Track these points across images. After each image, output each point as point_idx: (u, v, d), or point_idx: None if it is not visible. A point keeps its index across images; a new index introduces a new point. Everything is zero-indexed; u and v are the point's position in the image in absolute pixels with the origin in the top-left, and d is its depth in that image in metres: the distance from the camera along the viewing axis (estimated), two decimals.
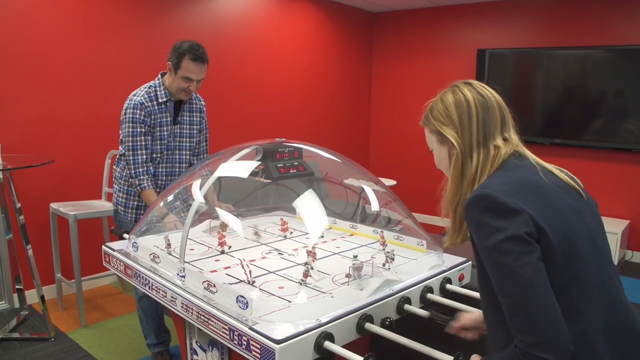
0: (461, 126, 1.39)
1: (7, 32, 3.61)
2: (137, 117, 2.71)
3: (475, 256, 1.32)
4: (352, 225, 2.67)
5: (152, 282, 1.99)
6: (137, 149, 2.73)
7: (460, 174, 1.39)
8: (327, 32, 6.26)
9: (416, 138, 6.77)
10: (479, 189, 1.28)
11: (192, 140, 2.95)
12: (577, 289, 1.21)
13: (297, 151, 2.31)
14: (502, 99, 1.44)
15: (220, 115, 5.03)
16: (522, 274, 1.16)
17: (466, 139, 1.38)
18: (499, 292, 1.22)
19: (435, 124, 1.46)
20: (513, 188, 1.25)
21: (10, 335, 3.33)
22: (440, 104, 1.46)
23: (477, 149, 1.37)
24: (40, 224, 3.90)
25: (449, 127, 1.41)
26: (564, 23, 5.50)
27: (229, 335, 1.58)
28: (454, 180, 1.41)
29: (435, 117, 1.46)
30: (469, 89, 1.42)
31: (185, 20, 4.66)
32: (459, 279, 2.15)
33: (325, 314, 1.61)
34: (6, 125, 3.67)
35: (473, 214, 1.25)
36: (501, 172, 1.33)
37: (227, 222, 2.43)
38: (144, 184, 2.74)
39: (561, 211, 1.26)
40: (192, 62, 2.68)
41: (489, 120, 1.39)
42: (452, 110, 1.42)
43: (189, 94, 2.79)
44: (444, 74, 6.40)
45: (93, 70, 4.09)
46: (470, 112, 1.39)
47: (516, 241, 1.17)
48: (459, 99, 1.41)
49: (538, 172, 1.33)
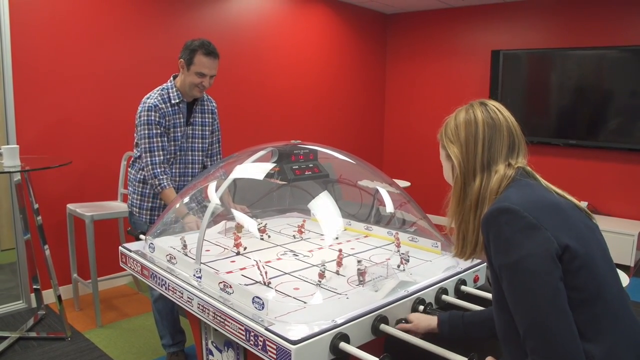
0: (466, 146, 1.39)
1: (26, 36, 3.66)
2: (152, 119, 2.74)
3: (491, 271, 1.30)
4: (367, 227, 2.67)
5: (168, 283, 2.01)
6: (154, 150, 2.75)
7: (460, 193, 1.40)
8: (341, 34, 6.27)
9: (430, 139, 6.75)
10: (499, 202, 1.25)
11: (205, 141, 2.97)
12: (601, 306, 1.18)
13: (312, 153, 2.32)
14: (517, 124, 1.43)
15: (234, 118, 5.06)
16: (541, 294, 1.13)
17: (470, 159, 1.38)
18: (516, 311, 1.18)
19: (444, 140, 1.48)
20: (532, 204, 1.22)
21: (27, 335, 3.37)
22: (453, 122, 1.47)
23: (481, 172, 1.37)
24: (57, 225, 3.94)
25: (455, 145, 1.43)
26: (578, 23, 5.47)
27: (245, 336, 1.60)
28: (455, 199, 1.42)
29: (447, 133, 1.47)
30: (481, 110, 1.42)
31: (200, 23, 4.70)
32: (473, 280, 2.15)
33: (341, 315, 1.62)
34: (25, 127, 3.72)
35: (492, 227, 1.22)
36: (516, 189, 1.30)
37: (243, 224, 2.44)
38: (164, 184, 2.75)
39: (578, 228, 1.24)
40: (205, 57, 2.71)
41: (494, 144, 1.37)
42: (461, 128, 1.42)
43: (202, 91, 2.81)
44: (458, 75, 6.39)
45: (109, 74, 4.13)
46: (477, 133, 1.39)
47: (537, 259, 1.14)
48: (469, 119, 1.41)
49: (550, 190, 1.32)
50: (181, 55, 2.76)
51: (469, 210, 1.36)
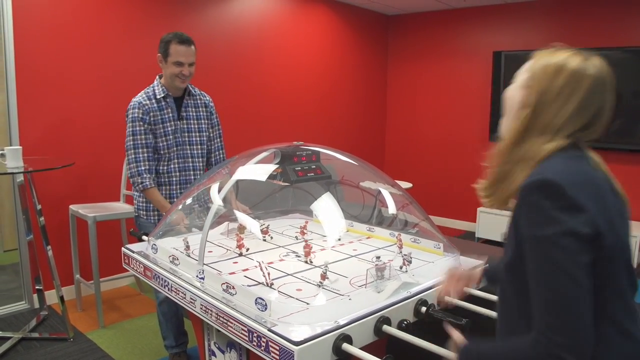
0: (553, 96, 1.23)
1: (28, 39, 3.67)
2: (136, 115, 2.77)
3: (511, 238, 1.25)
4: (369, 228, 2.68)
5: (171, 284, 2.01)
6: (138, 147, 2.77)
7: (520, 136, 1.26)
8: (343, 35, 6.28)
9: (432, 140, 6.78)
10: (541, 172, 1.17)
11: (202, 134, 2.98)
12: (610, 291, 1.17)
13: (314, 154, 2.32)
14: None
15: (236, 119, 5.07)
16: (571, 273, 1.10)
17: (546, 112, 1.24)
18: (539, 283, 1.14)
19: (536, 69, 1.29)
20: (578, 182, 1.16)
21: (30, 335, 3.38)
22: (562, 58, 1.28)
23: (543, 133, 1.24)
24: (60, 226, 3.95)
25: (540, 82, 1.26)
26: (580, 24, 5.47)
27: (248, 337, 1.60)
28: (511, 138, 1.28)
29: (544, 64, 1.29)
30: (595, 67, 1.24)
31: (202, 25, 4.71)
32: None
33: (343, 316, 1.62)
34: (28, 128, 3.73)
35: (532, 197, 1.15)
36: (564, 160, 1.21)
37: (245, 225, 2.45)
38: (146, 182, 2.76)
39: (612, 215, 1.19)
40: (179, 45, 2.76)
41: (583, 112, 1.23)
42: (564, 74, 1.24)
43: (185, 81, 2.82)
44: (460, 76, 6.39)
45: (111, 75, 4.15)
46: (573, 93, 1.22)
47: (574, 238, 1.11)
48: (578, 72, 1.23)
49: (597, 167, 1.26)
50: (158, 50, 2.81)
51: (517, 160, 1.25)
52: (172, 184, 2.88)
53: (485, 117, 6.18)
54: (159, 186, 2.85)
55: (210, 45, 4.77)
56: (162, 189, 2.85)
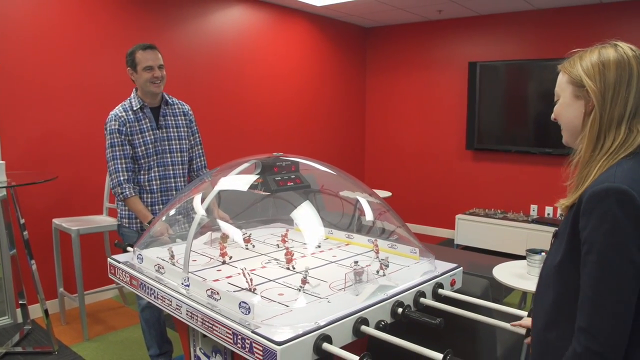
0: (614, 90, 1.21)
1: (10, 50, 3.71)
2: (113, 127, 2.86)
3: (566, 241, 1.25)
4: (348, 235, 2.76)
5: (157, 292, 2.07)
6: (116, 159, 2.85)
7: (596, 140, 1.24)
8: (322, 48, 6.39)
9: (410, 149, 6.90)
10: (614, 180, 1.16)
11: (182, 142, 3.05)
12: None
13: (294, 165, 2.40)
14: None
15: (217, 131, 5.13)
16: (629, 285, 1.13)
17: (613, 107, 1.22)
18: (592, 286, 1.15)
19: (581, 75, 1.27)
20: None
21: (14, 350, 3.39)
22: (596, 57, 1.26)
23: (619, 125, 1.22)
24: (43, 240, 3.97)
25: (595, 83, 1.23)
26: (554, 35, 5.65)
27: (233, 339, 1.67)
28: (589, 145, 1.25)
29: (585, 67, 1.27)
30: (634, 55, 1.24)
31: (182, 37, 4.77)
32: (450, 283, 2.23)
33: (323, 317, 1.69)
34: (10, 143, 3.76)
35: (604, 204, 1.14)
36: (630, 166, 1.19)
37: (228, 234, 2.51)
38: (126, 192, 2.84)
39: None
40: (144, 51, 2.87)
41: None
42: (611, 67, 1.22)
43: (160, 85, 2.91)
44: (437, 86, 6.54)
45: (93, 88, 4.20)
46: (631, 79, 1.21)
47: (637, 251, 1.12)
48: (621, 59, 1.22)
49: None
50: (126, 64, 2.91)
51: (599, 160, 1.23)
52: (153, 192, 2.94)
53: (461, 126, 6.32)
54: (141, 194, 2.92)
55: (191, 58, 4.84)
56: (144, 197, 2.92)
